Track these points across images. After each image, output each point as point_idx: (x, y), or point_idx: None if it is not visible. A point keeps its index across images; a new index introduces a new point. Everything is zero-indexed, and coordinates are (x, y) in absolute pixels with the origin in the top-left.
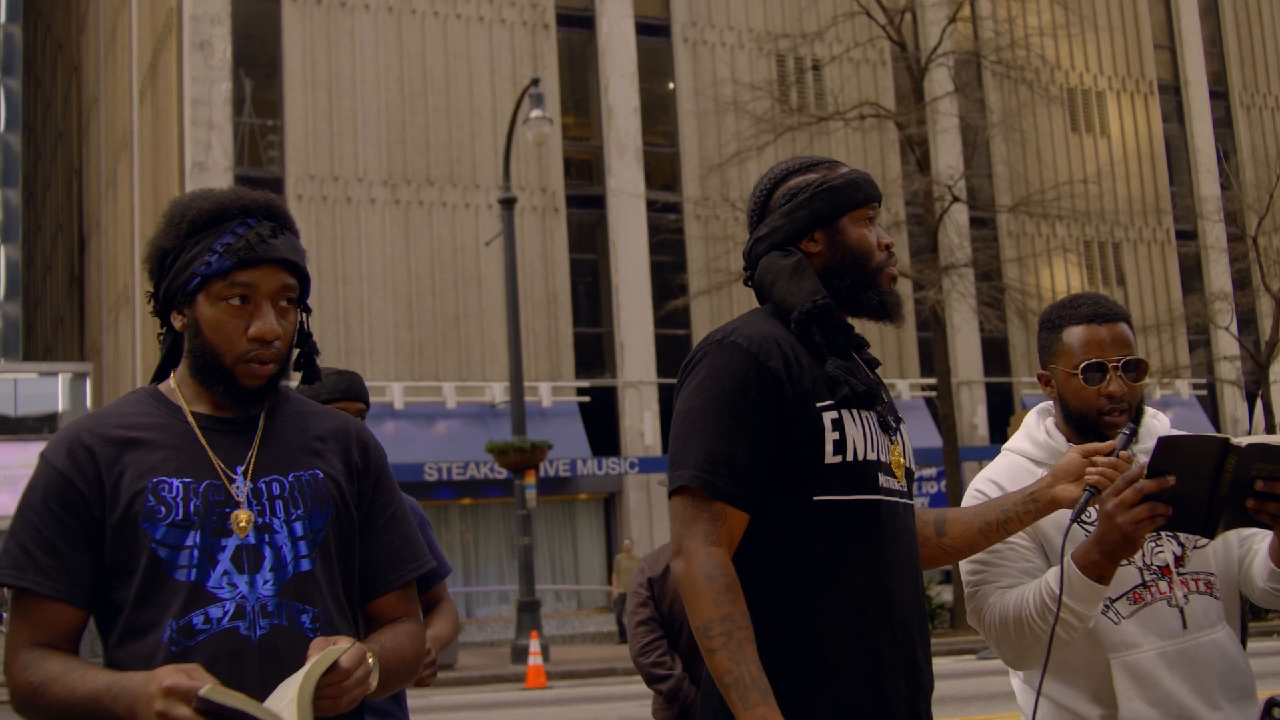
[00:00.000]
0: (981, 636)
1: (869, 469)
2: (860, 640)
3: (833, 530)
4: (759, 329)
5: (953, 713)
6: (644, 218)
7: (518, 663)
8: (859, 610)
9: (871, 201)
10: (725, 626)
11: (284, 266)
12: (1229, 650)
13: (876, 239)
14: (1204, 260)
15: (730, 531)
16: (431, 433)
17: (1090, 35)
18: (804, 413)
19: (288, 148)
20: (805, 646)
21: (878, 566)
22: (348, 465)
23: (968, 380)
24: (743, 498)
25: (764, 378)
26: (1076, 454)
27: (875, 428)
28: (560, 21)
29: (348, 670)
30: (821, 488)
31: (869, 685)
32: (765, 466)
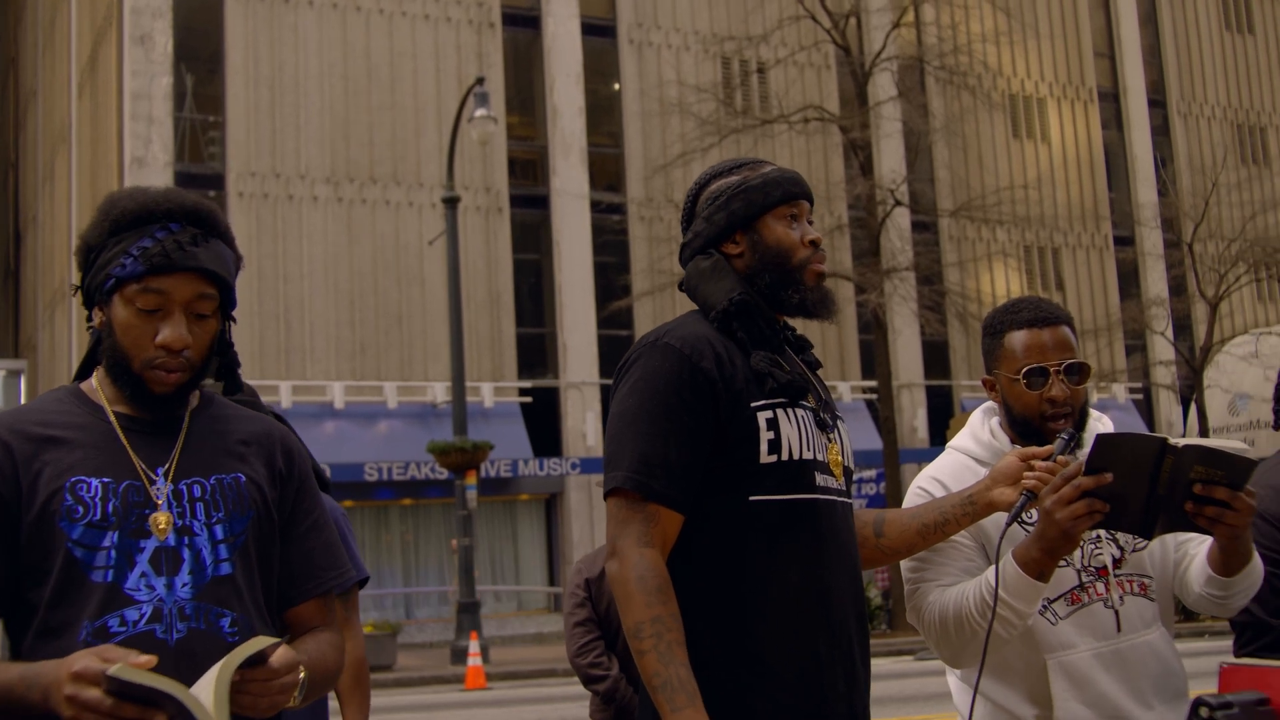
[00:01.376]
0: (920, 636)
1: (805, 468)
2: (797, 639)
3: (769, 529)
4: (692, 330)
5: (891, 713)
6: (588, 218)
7: (457, 664)
8: (795, 609)
9: (790, 199)
10: (655, 628)
11: (202, 275)
12: (1162, 652)
13: (801, 235)
14: (1141, 266)
15: (664, 532)
16: (372, 432)
17: (1032, 43)
18: (738, 412)
19: (229, 144)
20: (742, 646)
21: (815, 565)
22: (271, 470)
23: (908, 383)
24: (677, 498)
25: (697, 378)
26: (1014, 458)
27: (811, 427)
28: (506, 21)
29: (276, 670)
30: (757, 487)
31: (806, 684)
32: (700, 467)
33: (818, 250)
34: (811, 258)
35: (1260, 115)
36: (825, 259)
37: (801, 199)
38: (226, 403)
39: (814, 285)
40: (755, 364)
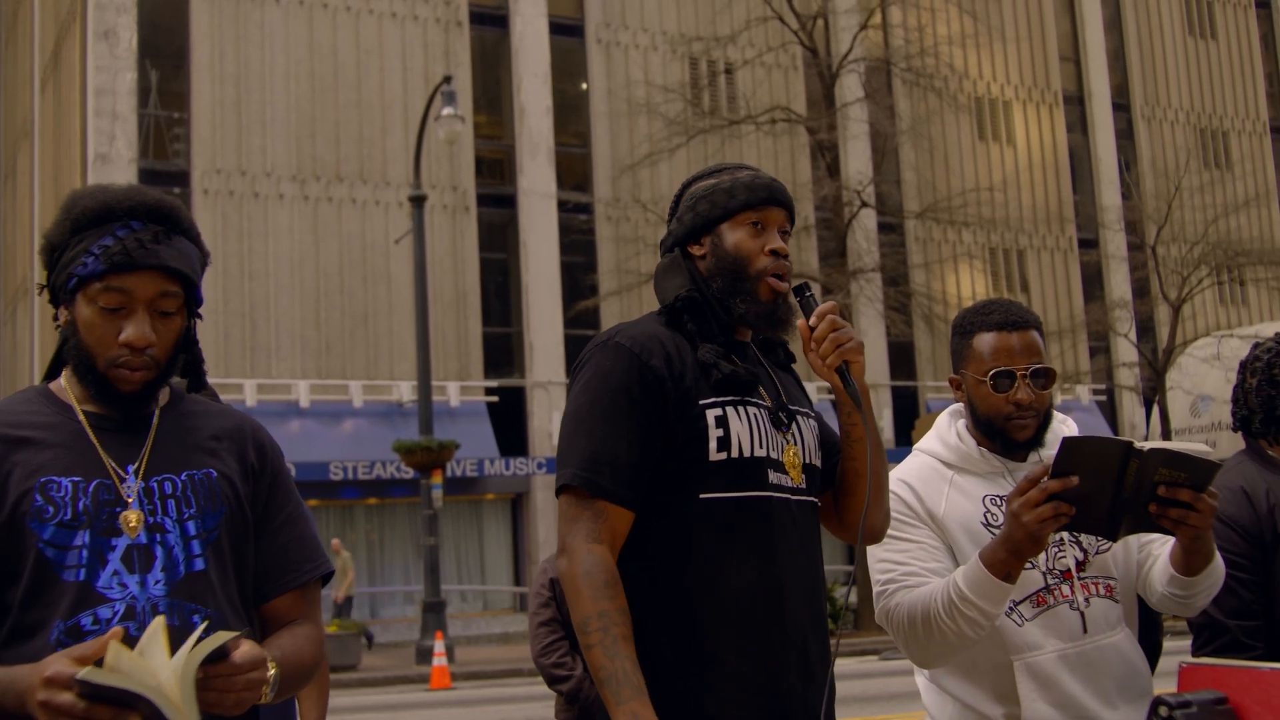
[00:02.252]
0: (887, 636)
1: (756, 466)
2: (747, 637)
3: (719, 527)
4: (644, 329)
5: (855, 712)
6: (555, 218)
7: (422, 664)
8: (746, 607)
9: (754, 206)
10: (601, 623)
11: (165, 273)
12: (1127, 653)
13: (763, 244)
14: (1105, 268)
15: (614, 529)
16: (338, 431)
17: (998, 46)
18: (687, 410)
19: (194, 141)
20: (692, 643)
21: (767, 563)
22: (243, 465)
23: (874, 384)
24: (625, 495)
25: (646, 376)
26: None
27: (765, 425)
28: (474, 19)
29: (239, 666)
30: (706, 485)
31: (756, 682)
32: (651, 465)
33: (779, 260)
34: (769, 267)
35: (1222, 120)
36: (789, 270)
37: (770, 206)
38: (197, 399)
39: (767, 299)
40: (701, 355)
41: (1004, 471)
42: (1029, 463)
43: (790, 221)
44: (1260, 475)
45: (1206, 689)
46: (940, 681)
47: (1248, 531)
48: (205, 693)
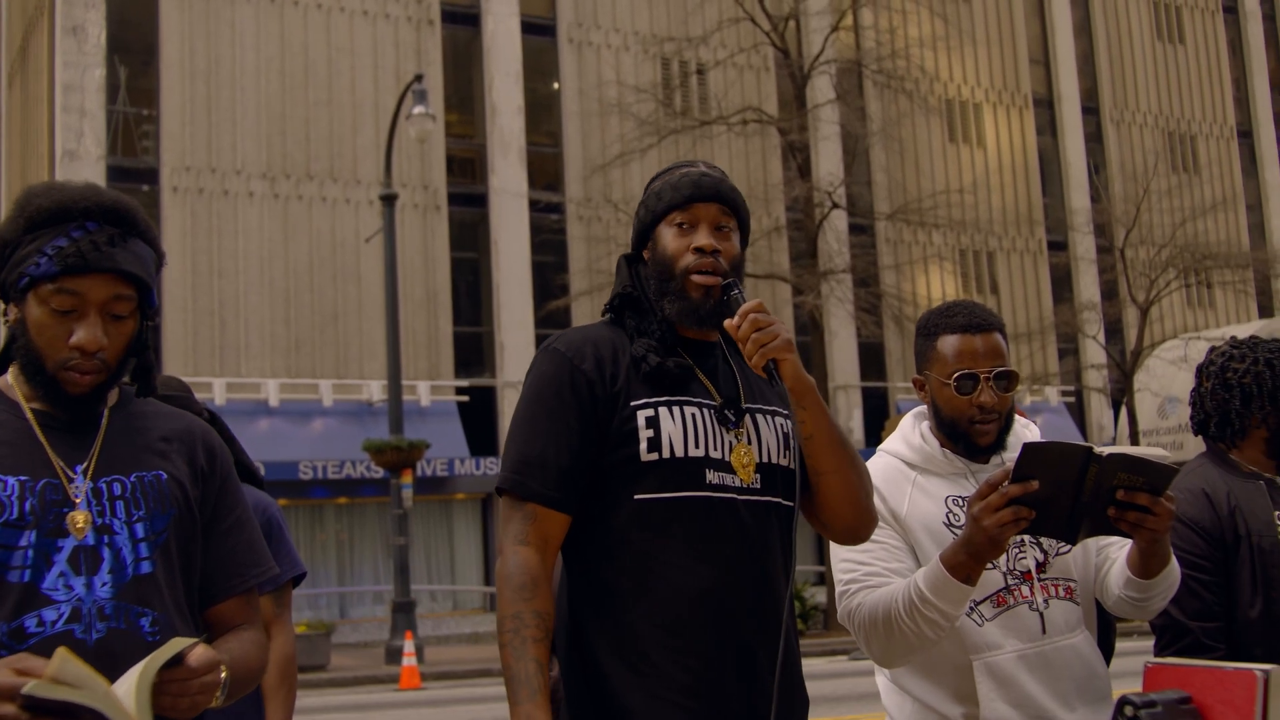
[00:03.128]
0: (852, 636)
1: (692, 466)
2: (679, 639)
3: (654, 528)
4: (583, 334)
5: (824, 712)
6: (526, 217)
7: (392, 663)
8: (679, 609)
9: (678, 206)
10: (514, 624)
11: (119, 276)
12: (1086, 655)
13: (689, 242)
14: (1074, 271)
15: (544, 531)
16: (307, 430)
17: (969, 48)
18: (618, 411)
19: (163, 137)
20: (625, 644)
21: (704, 565)
22: (192, 467)
23: (844, 384)
24: (554, 498)
25: (576, 379)
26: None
27: (707, 424)
28: (445, 18)
29: (195, 670)
30: (640, 486)
31: (690, 685)
32: (583, 467)
33: (703, 256)
34: (693, 265)
35: (1190, 124)
36: (717, 266)
37: (696, 204)
38: (148, 399)
39: (696, 297)
40: (634, 350)
41: (967, 472)
42: (991, 465)
43: (734, 214)
44: (1221, 478)
45: (1171, 689)
46: (900, 681)
47: (1209, 533)
48: (161, 697)
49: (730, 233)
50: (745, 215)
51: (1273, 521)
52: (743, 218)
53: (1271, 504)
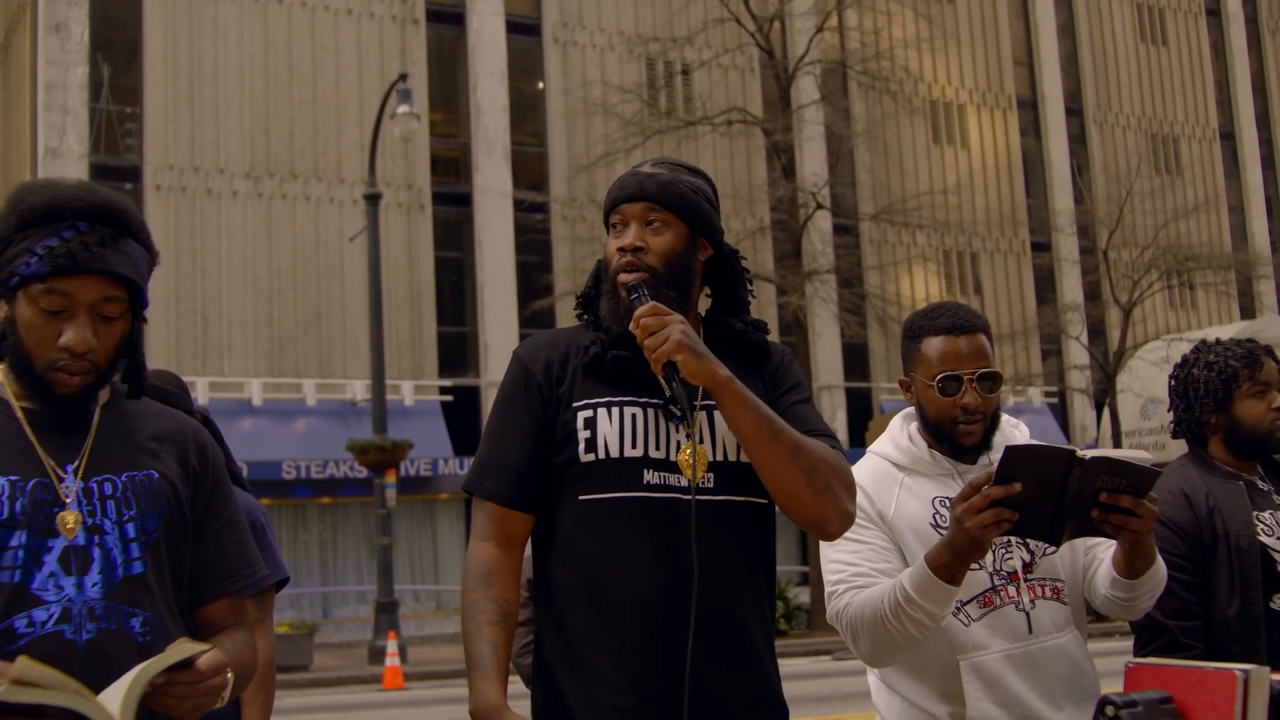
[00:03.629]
0: (839, 636)
1: (628, 466)
2: (616, 641)
3: (596, 528)
4: (547, 337)
5: (808, 712)
6: (510, 217)
7: (375, 664)
8: (617, 611)
9: (611, 209)
10: (471, 611)
11: (110, 278)
12: (1074, 654)
13: (618, 244)
14: (1057, 272)
15: (503, 527)
16: (290, 430)
17: (953, 50)
18: (562, 414)
19: (146, 136)
20: (565, 640)
21: (643, 567)
22: (184, 467)
23: (828, 385)
24: (507, 496)
25: (529, 382)
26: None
27: (649, 424)
28: (430, 17)
29: (204, 674)
30: (584, 486)
31: (620, 683)
32: (537, 467)
33: (624, 255)
34: (617, 264)
35: (1173, 126)
36: (639, 265)
37: (624, 204)
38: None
39: (622, 296)
40: (583, 341)
41: (954, 473)
42: (979, 465)
43: (673, 210)
44: (1201, 478)
45: (1152, 688)
46: (889, 680)
47: (1187, 533)
48: (164, 698)
49: (663, 227)
50: (687, 207)
51: (1250, 521)
52: (685, 210)
53: (1250, 504)
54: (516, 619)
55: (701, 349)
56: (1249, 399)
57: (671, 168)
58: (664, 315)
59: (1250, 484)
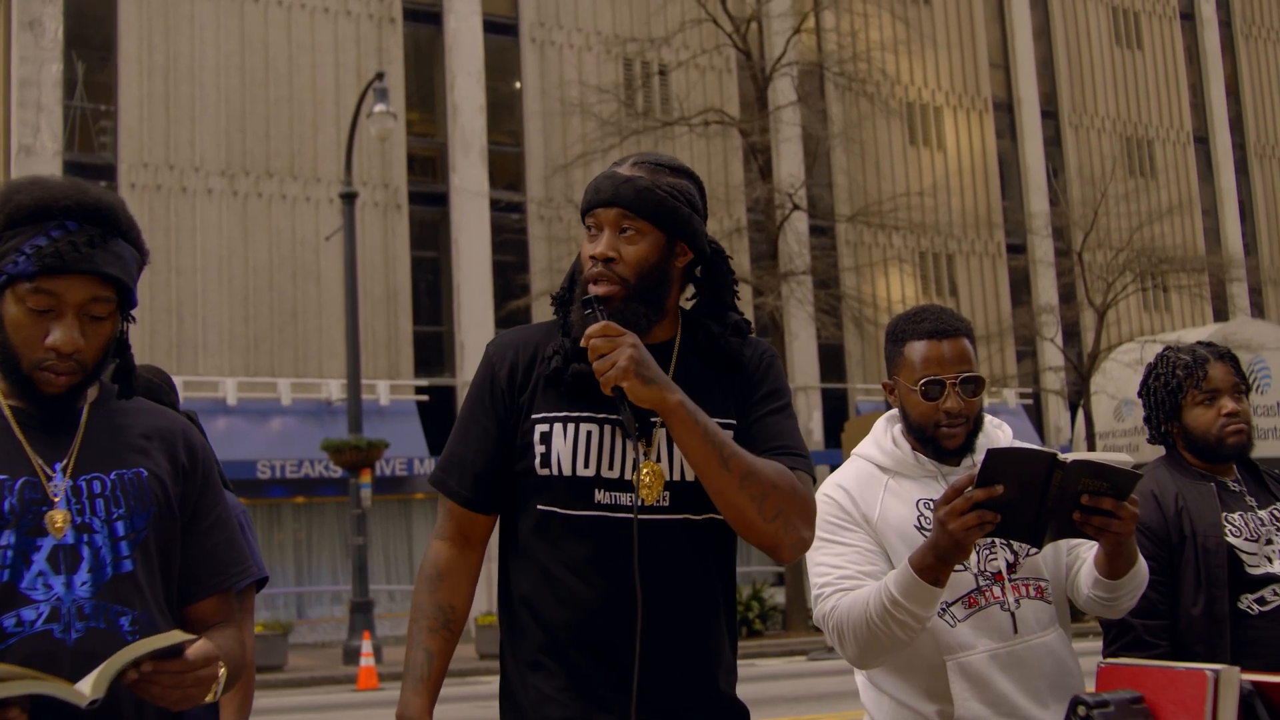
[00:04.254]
0: (815, 637)
1: (580, 485)
2: (558, 650)
3: (550, 540)
4: (518, 335)
5: (783, 712)
6: (487, 217)
7: (349, 664)
8: (558, 621)
9: (586, 213)
10: (415, 614)
11: (98, 278)
12: (1059, 653)
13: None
14: (1032, 274)
15: (461, 527)
16: (265, 429)
17: (929, 52)
18: (521, 423)
19: (121, 134)
20: (520, 641)
21: (589, 584)
22: (174, 465)
23: (804, 386)
24: (467, 497)
25: (495, 383)
26: None
27: (603, 442)
28: (407, 16)
29: (192, 664)
30: (541, 497)
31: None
32: (498, 469)
33: (595, 265)
34: (589, 273)
35: (1148, 129)
36: (608, 277)
37: (598, 209)
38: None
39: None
40: (547, 350)
41: (937, 475)
42: (963, 467)
43: (640, 216)
44: (1172, 480)
45: (1124, 688)
46: (877, 681)
47: (1155, 534)
48: (151, 685)
49: (637, 236)
50: (664, 214)
51: (1219, 522)
52: (661, 218)
53: (1220, 505)
54: (462, 625)
55: (651, 373)
56: (1196, 408)
57: (652, 168)
58: (615, 336)
59: (1222, 485)
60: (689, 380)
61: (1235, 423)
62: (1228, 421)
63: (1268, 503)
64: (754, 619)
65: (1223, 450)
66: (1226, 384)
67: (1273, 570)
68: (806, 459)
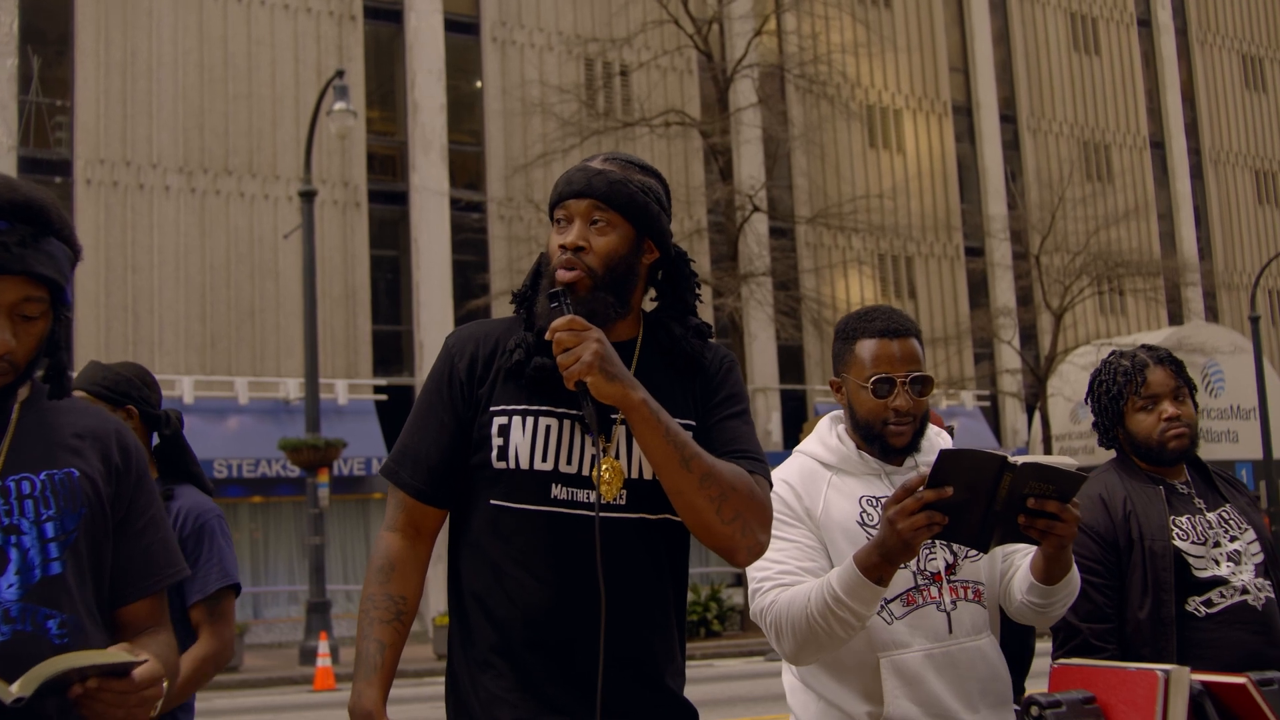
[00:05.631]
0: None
1: (537, 479)
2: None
3: (502, 536)
4: (479, 329)
5: (741, 712)
6: (447, 216)
7: (306, 664)
8: (510, 619)
9: (556, 204)
10: (365, 606)
11: (31, 278)
12: (991, 658)
13: (560, 240)
14: (990, 276)
15: (413, 519)
16: (222, 428)
17: (889, 55)
18: (479, 415)
19: (77, 129)
20: (469, 639)
21: (543, 582)
22: (107, 465)
23: (763, 387)
24: (419, 489)
25: (452, 375)
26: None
27: (562, 437)
28: (368, 14)
29: (138, 685)
30: (494, 491)
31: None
32: (452, 463)
33: (564, 253)
34: (557, 261)
35: (1105, 133)
36: (576, 265)
37: (570, 199)
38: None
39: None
40: (510, 341)
41: (881, 473)
42: (906, 467)
43: (618, 209)
44: (1121, 483)
45: (1076, 689)
46: (809, 680)
47: (1102, 538)
48: (94, 703)
49: (607, 228)
50: (635, 208)
51: (1166, 525)
52: (632, 211)
53: (1168, 509)
54: (413, 617)
55: (614, 369)
56: (1138, 413)
57: (624, 165)
58: (580, 331)
59: (1171, 488)
60: (650, 380)
61: (1175, 427)
62: (1168, 426)
63: (1216, 505)
64: (712, 619)
65: (1164, 454)
66: (1166, 388)
67: (1219, 573)
68: (764, 464)
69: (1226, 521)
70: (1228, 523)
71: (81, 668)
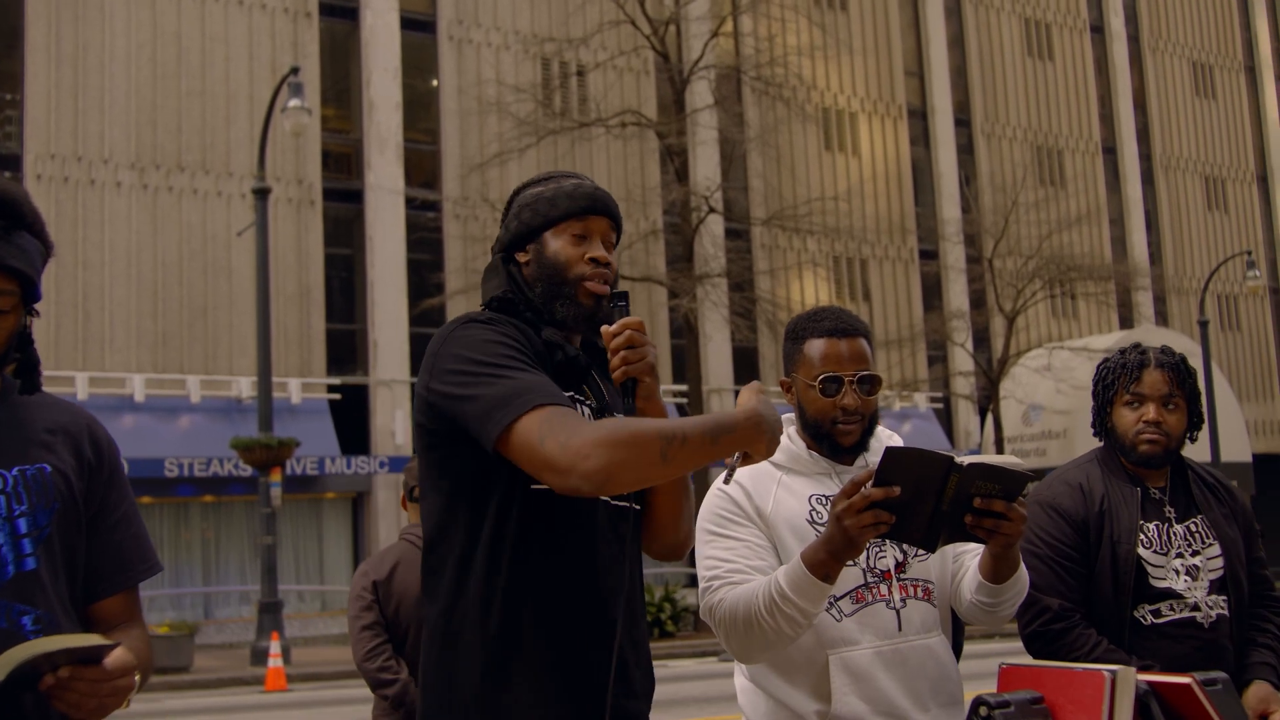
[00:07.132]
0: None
1: None
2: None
3: (545, 520)
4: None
5: (694, 713)
6: (402, 215)
7: (257, 665)
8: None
9: (574, 215)
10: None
11: (2, 271)
12: (941, 656)
13: (584, 252)
14: (944, 279)
15: None
16: (173, 426)
17: (845, 58)
18: None
19: (27, 124)
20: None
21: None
22: (79, 460)
23: (718, 388)
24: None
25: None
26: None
27: None
28: (323, 11)
29: (110, 673)
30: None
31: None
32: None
33: (599, 267)
34: (588, 273)
35: (1058, 138)
36: (609, 278)
37: (592, 216)
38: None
39: (587, 303)
40: (546, 335)
41: (831, 472)
42: (855, 465)
43: (616, 231)
44: (1103, 479)
45: (1024, 689)
46: (759, 680)
47: (1074, 520)
48: (67, 693)
49: (612, 249)
50: (620, 231)
51: (1135, 529)
52: (619, 234)
53: (1140, 513)
54: None
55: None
56: (1123, 408)
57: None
58: (645, 335)
59: (1146, 492)
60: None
61: (1151, 431)
62: (1144, 429)
63: (1187, 516)
64: (666, 620)
65: (1133, 455)
66: (1156, 392)
67: (1173, 586)
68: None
69: (1193, 534)
70: (1193, 535)
71: (52, 653)
